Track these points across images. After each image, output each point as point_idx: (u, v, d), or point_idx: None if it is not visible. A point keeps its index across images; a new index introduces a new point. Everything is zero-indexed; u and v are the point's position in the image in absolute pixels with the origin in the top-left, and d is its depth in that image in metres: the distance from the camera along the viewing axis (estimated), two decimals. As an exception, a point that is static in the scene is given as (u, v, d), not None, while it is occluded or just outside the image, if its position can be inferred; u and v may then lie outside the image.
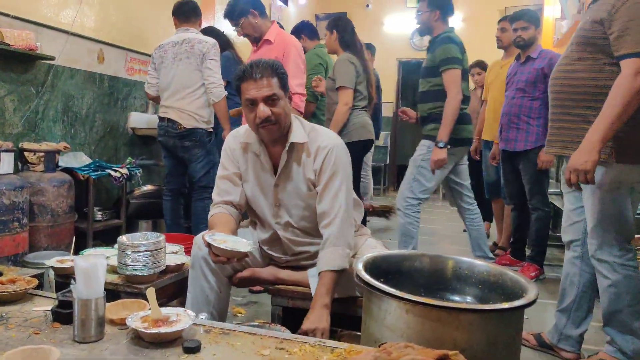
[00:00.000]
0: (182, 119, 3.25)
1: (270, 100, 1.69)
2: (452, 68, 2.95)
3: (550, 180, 3.73)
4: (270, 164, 1.84)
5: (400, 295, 1.22)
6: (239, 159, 1.90)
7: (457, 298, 1.60)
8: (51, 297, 1.56)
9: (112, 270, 1.95)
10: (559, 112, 2.06)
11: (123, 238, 1.88)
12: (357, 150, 3.29)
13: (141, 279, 1.84)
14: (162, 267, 1.90)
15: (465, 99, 3.08)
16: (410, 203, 3.12)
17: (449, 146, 2.95)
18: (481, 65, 4.95)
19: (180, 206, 3.55)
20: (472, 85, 5.16)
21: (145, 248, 1.83)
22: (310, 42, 4.04)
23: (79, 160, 3.33)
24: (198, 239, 1.82)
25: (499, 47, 4.08)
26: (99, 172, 3.27)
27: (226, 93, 3.23)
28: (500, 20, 4.04)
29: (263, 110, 1.67)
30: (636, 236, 2.21)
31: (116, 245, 1.97)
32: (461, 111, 3.01)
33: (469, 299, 1.60)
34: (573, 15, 5.11)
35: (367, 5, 8.35)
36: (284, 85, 1.74)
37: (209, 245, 1.61)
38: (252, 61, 1.74)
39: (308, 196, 1.82)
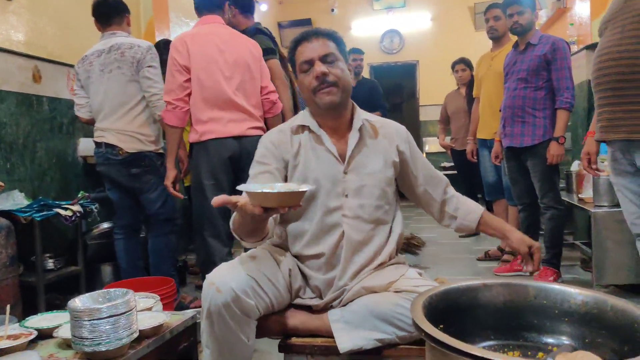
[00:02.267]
0: (122, 141, 2.79)
1: (328, 60, 1.53)
2: (272, 58, 2.89)
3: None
4: (335, 149, 1.57)
5: (478, 355, 0.83)
6: (285, 150, 1.59)
7: (550, 340, 1.18)
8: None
9: (66, 344, 1.46)
10: (628, 94, 1.89)
11: (76, 302, 1.39)
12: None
13: (107, 355, 1.35)
14: (135, 334, 1.42)
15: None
16: None
17: None
18: (466, 62, 4.72)
19: (137, 246, 3.06)
20: (455, 83, 4.89)
21: (108, 313, 1.34)
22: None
23: (15, 200, 2.77)
24: (213, 277, 1.38)
25: (492, 38, 3.77)
26: (45, 213, 2.72)
27: None
28: (488, 8, 3.73)
29: (319, 68, 1.50)
30: None
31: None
32: None
33: (564, 339, 1.18)
34: (553, 3, 4.91)
35: (332, 10, 8.03)
36: (342, 51, 1.59)
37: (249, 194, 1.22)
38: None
39: (387, 181, 1.59)
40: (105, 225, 3.31)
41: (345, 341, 1.37)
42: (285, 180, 1.57)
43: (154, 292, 2.28)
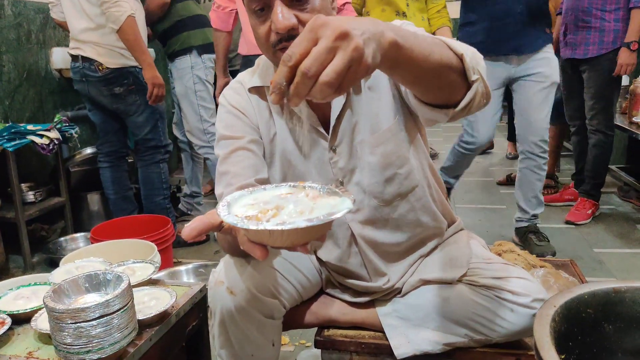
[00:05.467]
0: (102, 55, 2.38)
1: None
2: None
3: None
4: (314, 115, 1.06)
5: None
6: (253, 116, 1.09)
7: None
8: None
9: (48, 336, 1.16)
10: None
11: (52, 295, 1.06)
12: None
13: (100, 362, 1.06)
14: (134, 333, 1.11)
15: None
16: (212, 132, 2.79)
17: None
18: None
19: (125, 174, 2.75)
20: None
21: (98, 313, 1.02)
22: None
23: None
24: (222, 274, 1.06)
25: None
26: (17, 142, 2.33)
27: (130, 12, 2.27)
28: None
29: (281, 18, 0.88)
30: None
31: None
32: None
33: None
34: None
35: None
36: None
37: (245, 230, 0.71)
38: None
39: (396, 130, 1.06)
40: (89, 150, 2.94)
41: (402, 344, 1.08)
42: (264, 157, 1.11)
43: (150, 237, 2.00)
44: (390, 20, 2.14)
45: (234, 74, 3.02)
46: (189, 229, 0.74)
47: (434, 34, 2.44)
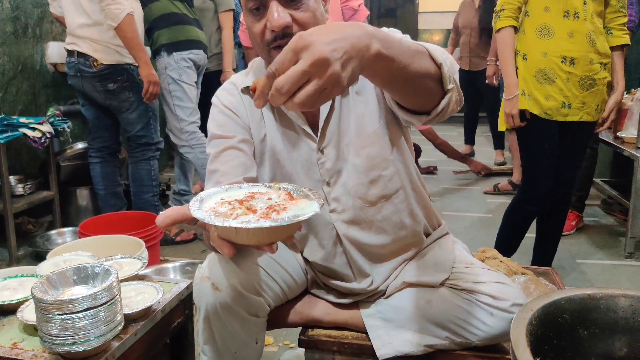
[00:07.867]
0: (97, 51, 2.41)
1: None
2: None
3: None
4: (303, 117, 1.10)
5: None
6: (244, 117, 1.12)
7: None
8: None
9: (34, 328, 1.17)
10: None
11: (40, 287, 1.07)
12: None
13: (85, 354, 1.07)
14: (120, 326, 1.12)
15: None
16: (190, 131, 2.81)
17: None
18: None
19: (116, 170, 2.77)
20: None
21: (85, 305, 1.03)
22: None
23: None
24: (207, 270, 1.07)
25: None
26: (9, 134, 2.33)
27: (129, 10, 2.30)
28: None
29: (277, 17, 0.93)
30: None
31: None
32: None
33: None
34: None
35: None
36: None
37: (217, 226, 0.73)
38: None
39: (381, 133, 1.09)
40: (80, 145, 2.95)
41: (385, 345, 1.10)
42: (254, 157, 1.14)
43: (138, 233, 2.00)
44: (556, 21, 1.92)
45: (206, 77, 3.09)
46: (163, 217, 0.76)
47: (614, 50, 2.03)
